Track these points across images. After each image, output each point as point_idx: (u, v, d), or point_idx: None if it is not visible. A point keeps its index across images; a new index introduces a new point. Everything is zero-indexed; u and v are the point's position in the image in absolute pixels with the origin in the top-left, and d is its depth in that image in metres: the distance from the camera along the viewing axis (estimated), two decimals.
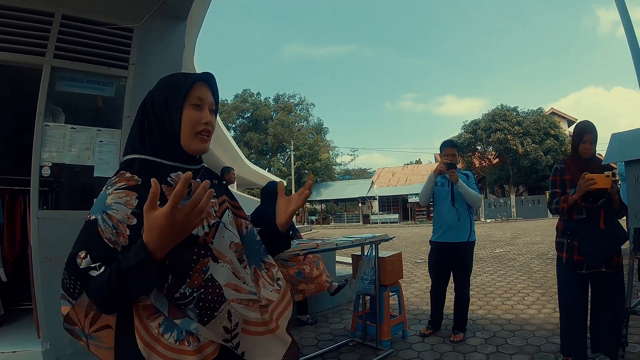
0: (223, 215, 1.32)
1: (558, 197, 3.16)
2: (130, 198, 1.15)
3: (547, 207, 3.47)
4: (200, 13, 4.92)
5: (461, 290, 4.23)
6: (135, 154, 1.26)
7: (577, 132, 3.19)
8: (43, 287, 3.28)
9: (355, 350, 4.02)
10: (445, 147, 4.35)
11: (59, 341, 3.25)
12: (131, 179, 1.18)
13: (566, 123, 37.33)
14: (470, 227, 4.19)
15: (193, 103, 1.27)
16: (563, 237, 3.20)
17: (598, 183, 2.79)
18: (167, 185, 1.22)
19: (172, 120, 1.25)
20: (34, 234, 3.33)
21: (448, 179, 4.19)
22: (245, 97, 53.61)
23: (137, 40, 3.80)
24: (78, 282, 1.10)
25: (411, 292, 6.49)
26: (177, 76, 1.34)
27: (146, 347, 1.14)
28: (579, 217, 3.07)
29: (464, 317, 4.23)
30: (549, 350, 3.69)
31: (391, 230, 24.05)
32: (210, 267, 1.20)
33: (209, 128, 1.29)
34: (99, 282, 1.07)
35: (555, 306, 5.11)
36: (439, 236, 4.24)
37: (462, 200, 4.15)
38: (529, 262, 8.97)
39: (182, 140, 1.26)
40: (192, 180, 1.28)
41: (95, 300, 1.11)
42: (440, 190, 4.28)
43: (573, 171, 3.11)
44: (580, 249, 3.04)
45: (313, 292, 4.76)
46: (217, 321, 1.19)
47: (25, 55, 3.40)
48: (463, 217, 4.14)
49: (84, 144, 3.56)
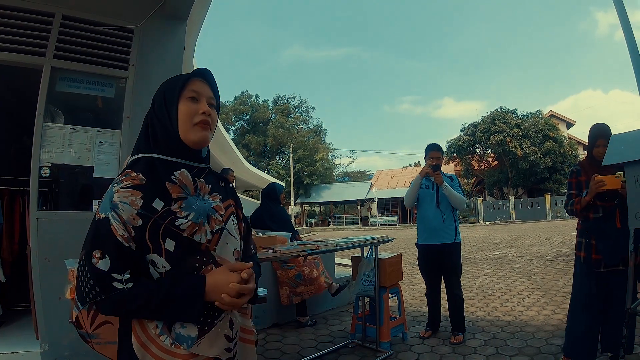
0: (228, 221, 1.31)
1: (574, 198, 3.22)
2: (135, 198, 1.15)
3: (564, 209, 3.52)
4: (200, 14, 4.93)
5: (453, 292, 4.24)
6: (140, 153, 1.26)
7: (590, 136, 3.25)
8: (42, 287, 3.27)
9: (354, 352, 4.01)
10: (430, 151, 4.36)
11: (57, 342, 3.25)
12: (136, 178, 1.18)
13: (565, 125, 37.44)
14: (455, 228, 4.23)
15: (189, 96, 1.27)
16: (581, 236, 3.26)
17: (608, 184, 2.84)
18: (171, 183, 1.21)
19: (170, 115, 1.25)
20: (32, 234, 3.32)
21: (433, 182, 4.25)
22: (243, 99, 53.60)
23: (137, 41, 3.81)
24: (96, 287, 1.09)
25: (410, 294, 6.49)
26: (175, 76, 1.34)
27: (141, 348, 1.15)
28: (595, 216, 3.12)
29: (461, 318, 4.23)
30: (548, 351, 3.68)
31: (390, 232, 24.04)
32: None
33: (206, 118, 1.28)
34: (132, 295, 1.10)
35: (555, 308, 5.11)
36: (425, 239, 4.29)
37: (447, 203, 4.19)
38: (528, 264, 8.97)
39: (181, 133, 1.25)
40: (197, 179, 1.29)
41: (116, 310, 1.13)
42: (424, 192, 4.32)
43: (589, 173, 3.15)
44: (597, 248, 3.10)
45: (312, 294, 4.77)
46: (218, 329, 1.21)
47: (25, 55, 3.40)
48: (448, 219, 4.19)
49: (84, 144, 3.55)
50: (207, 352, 1.17)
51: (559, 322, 4.50)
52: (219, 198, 1.32)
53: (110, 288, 1.09)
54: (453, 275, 4.26)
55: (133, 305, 1.10)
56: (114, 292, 1.09)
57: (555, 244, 12.79)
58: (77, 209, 3.57)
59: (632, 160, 2.71)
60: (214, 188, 1.33)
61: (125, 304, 1.10)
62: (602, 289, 3.12)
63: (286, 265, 4.72)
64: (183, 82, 1.28)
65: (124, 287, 1.09)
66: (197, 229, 1.19)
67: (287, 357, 3.93)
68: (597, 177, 2.89)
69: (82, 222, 3.30)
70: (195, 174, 1.29)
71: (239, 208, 1.44)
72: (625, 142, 2.83)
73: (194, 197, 1.25)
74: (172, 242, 1.15)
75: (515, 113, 35.43)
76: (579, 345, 3.21)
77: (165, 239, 1.15)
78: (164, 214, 1.16)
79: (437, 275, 4.38)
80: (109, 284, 1.09)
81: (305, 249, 3.36)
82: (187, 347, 1.15)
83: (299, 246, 3.46)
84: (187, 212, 1.20)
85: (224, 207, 1.33)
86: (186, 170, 1.26)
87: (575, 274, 3.36)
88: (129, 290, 1.10)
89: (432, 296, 4.43)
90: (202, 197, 1.27)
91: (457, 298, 4.23)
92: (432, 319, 4.45)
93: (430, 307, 4.45)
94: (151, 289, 1.11)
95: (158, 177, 1.20)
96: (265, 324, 4.85)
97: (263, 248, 3.29)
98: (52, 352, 3.25)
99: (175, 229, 1.16)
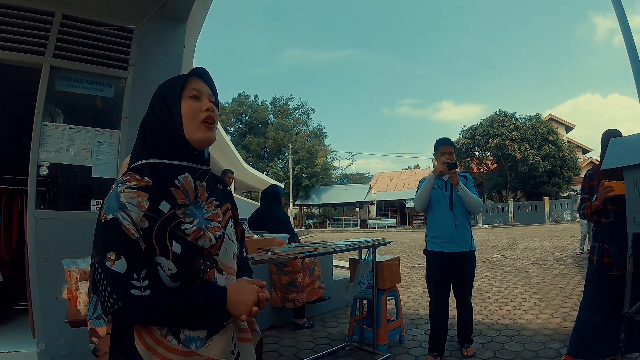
0: (227, 225, 1.31)
1: (586, 202, 3.27)
2: (142, 199, 1.14)
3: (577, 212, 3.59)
4: (200, 15, 4.93)
5: (465, 303, 3.81)
6: (140, 160, 1.24)
7: (603, 141, 3.30)
8: (39, 287, 3.27)
9: (352, 355, 4.00)
10: (442, 145, 3.83)
11: (54, 342, 3.24)
12: (142, 180, 1.17)
13: (564, 129, 37.45)
14: (471, 234, 3.76)
15: (190, 95, 1.25)
16: (595, 240, 3.31)
17: (616, 190, 2.91)
18: (175, 188, 1.20)
19: (172, 116, 1.23)
20: (30, 233, 3.32)
21: (445, 181, 3.75)
22: (241, 101, 53.59)
23: (137, 41, 3.81)
24: (113, 294, 1.07)
25: (408, 297, 6.47)
26: (172, 77, 1.33)
27: (148, 351, 1.13)
28: (607, 221, 3.16)
29: (471, 327, 3.90)
30: (546, 355, 3.68)
31: (388, 234, 24.04)
32: (217, 280, 1.22)
33: (211, 114, 1.26)
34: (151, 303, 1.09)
35: (552, 311, 5.11)
36: (437, 245, 3.72)
37: (461, 206, 3.70)
38: (527, 267, 8.97)
39: (186, 133, 1.23)
40: (198, 183, 1.27)
41: (134, 318, 1.13)
42: (436, 193, 3.77)
43: (600, 177, 3.20)
44: (609, 251, 3.14)
45: (304, 301, 4.74)
46: (228, 332, 1.22)
47: (25, 54, 3.40)
48: (461, 224, 3.68)
49: (82, 144, 3.55)
50: (214, 354, 1.18)
51: (557, 326, 4.50)
52: (214, 205, 1.31)
53: (128, 295, 1.07)
54: (467, 286, 3.80)
55: (153, 315, 1.10)
56: (132, 299, 1.07)
57: (553, 247, 12.79)
58: (75, 209, 3.57)
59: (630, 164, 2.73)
60: (212, 193, 1.32)
61: (145, 313, 1.10)
62: (613, 292, 3.14)
63: (282, 270, 4.71)
64: (182, 81, 1.26)
65: (142, 295, 1.08)
66: (201, 234, 1.19)
67: (284, 359, 3.92)
68: (606, 182, 2.97)
69: (80, 222, 3.33)
70: (197, 177, 1.27)
71: (236, 211, 1.43)
72: (624, 147, 2.85)
73: (194, 205, 1.24)
74: (179, 246, 1.15)
75: (515, 116, 35.43)
76: (585, 346, 3.24)
77: (172, 242, 1.14)
78: (170, 217, 1.16)
79: (448, 287, 3.80)
80: (127, 291, 1.07)
81: (303, 251, 3.36)
82: (196, 348, 1.15)
83: (296, 248, 3.46)
84: (192, 218, 1.20)
85: (222, 212, 1.32)
86: (189, 174, 1.24)
87: (588, 276, 3.41)
88: (146, 298, 1.08)
89: (438, 310, 3.77)
90: (200, 206, 1.26)
91: (469, 309, 3.86)
92: (436, 339, 3.77)
93: (436, 324, 3.77)
94: (172, 297, 1.12)
95: (163, 181, 1.19)
96: (263, 325, 4.84)
97: (260, 250, 3.29)
98: (48, 352, 3.24)
99: (181, 233, 1.15)
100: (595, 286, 3.28)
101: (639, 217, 2.71)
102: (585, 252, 9.86)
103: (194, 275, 1.17)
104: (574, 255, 10.27)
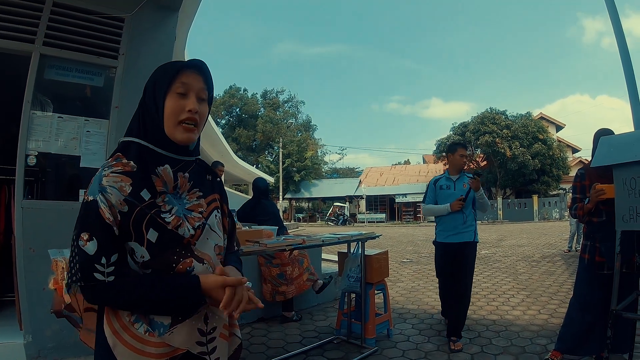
0: (210, 216, 1.30)
1: (578, 202, 3.30)
2: (124, 184, 1.14)
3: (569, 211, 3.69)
4: (191, 6, 4.88)
5: (465, 294, 4.03)
6: (132, 136, 1.24)
7: (595, 141, 3.31)
8: (26, 278, 3.24)
9: (339, 348, 4.01)
10: (459, 148, 4.20)
11: (41, 334, 3.22)
12: (127, 165, 1.17)
13: (554, 128, 37.74)
14: (475, 227, 4.08)
15: (177, 91, 1.22)
16: (586, 239, 3.34)
17: (607, 193, 2.91)
18: (155, 176, 1.20)
19: (157, 108, 1.22)
20: (18, 224, 3.29)
21: (453, 182, 4.13)
22: (232, 93, 53.31)
23: (128, 30, 3.77)
24: (78, 272, 1.09)
25: (397, 292, 6.50)
26: (169, 63, 1.31)
27: (113, 335, 1.15)
28: (599, 220, 3.19)
29: (464, 321, 4.03)
30: (533, 351, 3.72)
31: (378, 229, 24.08)
32: (195, 268, 1.20)
33: (194, 116, 1.23)
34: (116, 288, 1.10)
35: (540, 308, 5.16)
36: (445, 237, 4.09)
37: (471, 206, 4.07)
38: (515, 264, 9.04)
39: (166, 129, 1.22)
40: (180, 174, 1.27)
41: (97, 300, 1.15)
42: (444, 193, 4.15)
43: (591, 176, 3.24)
44: (601, 250, 3.16)
45: (294, 294, 4.76)
46: (192, 322, 1.20)
47: (14, 41, 3.35)
48: (469, 219, 4.02)
49: (71, 133, 3.52)
50: (177, 342, 1.17)
51: (544, 322, 4.55)
52: (197, 195, 1.29)
53: (91, 277, 1.09)
54: (468, 276, 4.05)
55: (115, 300, 1.12)
56: (92, 281, 1.09)
57: (541, 245, 12.91)
58: (64, 199, 3.54)
59: (619, 162, 2.75)
60: (195, 184, 1.30)
61: (107, 297, 1.12)
62: (604, 290, 3.17)
63: (271, 262, 4.70)
64: (174, 73, 1.23)
65: (104, 280, 1.09)
66: (180, 223, 1.19)
67: (272, 352, 3.93)
68: (598, 186, 2.98)
69: (68, 212, 3.30)
70: (179, 168, 1.27)
71: (224, 203, 1.42)
72: (613, 145, 2.86)
73: (173, 195, 1.23)
74: (155, 234, 1.15)
75: (506, 114, 35.56)
76: (574, 342, 3.29)
77: (148, 229, 1.14)
78: (151, 204, 1.16)
79: (453, 274, 4.12)
80: (90, 274, 1.09)
81: (291, 244, 3.36)
82: (159, 334, 1.15)
83: (285, 240, 3.46)
84: (171, 206, 1.20)
85: (207, 203, 1.31)
86: (169, 166, 1.24)
87: (578, 274, 3.44)
88: (109, 283, 1.09)
89: (446, 288, 4.28)
90: (180, 196, 1.26)
91: (467, 301, 4.09)
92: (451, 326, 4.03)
93: (446, 307, 4.30)
94: (138, 286, 1.12)
95: (147, 167, 1.19)
96: (251, 318, 4.86)
97: (249, 242, 3.29)
98: (35, 343, 3.22)
99: (161, 221, 1.15)
100: (585, 284, 3.32)
101: (627, 215, 2.73)
102: (574, 250, 9.97)
103: (166, 265, 1.16)
104: (561, 253, 10.38)
